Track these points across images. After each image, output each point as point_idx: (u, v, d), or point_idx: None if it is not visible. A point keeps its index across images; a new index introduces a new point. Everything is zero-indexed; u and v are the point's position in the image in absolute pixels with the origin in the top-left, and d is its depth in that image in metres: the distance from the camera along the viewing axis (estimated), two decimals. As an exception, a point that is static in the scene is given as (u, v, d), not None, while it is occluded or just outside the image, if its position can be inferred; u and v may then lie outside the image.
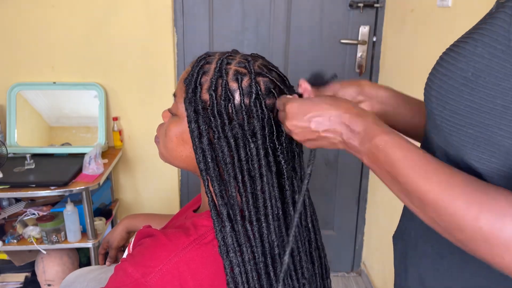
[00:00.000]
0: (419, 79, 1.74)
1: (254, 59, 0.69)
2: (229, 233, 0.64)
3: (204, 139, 0.65)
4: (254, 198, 0.65)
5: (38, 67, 1.84)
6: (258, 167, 0.65)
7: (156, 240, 0.64)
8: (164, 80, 1.90)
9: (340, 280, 2.21)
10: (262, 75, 0.66)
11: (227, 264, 0.64)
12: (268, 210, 0.65)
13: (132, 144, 1.96)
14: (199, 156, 0.65)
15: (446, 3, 1.32)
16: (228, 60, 0.67)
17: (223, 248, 0.64)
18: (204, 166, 0.65)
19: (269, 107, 0.66)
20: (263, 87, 0.66)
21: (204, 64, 0.67)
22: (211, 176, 0.65)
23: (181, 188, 2.09)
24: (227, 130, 0.64)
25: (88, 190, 1.56)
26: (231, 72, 0.66)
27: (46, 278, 1.68)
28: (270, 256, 0.66)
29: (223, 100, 0.64)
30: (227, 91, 0.64)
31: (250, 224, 0.65)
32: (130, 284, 0.61)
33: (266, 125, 0.65)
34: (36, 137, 1.85)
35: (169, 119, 0.73)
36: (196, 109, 0.65)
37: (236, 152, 0.64)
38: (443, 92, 0.49)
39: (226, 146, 0.64)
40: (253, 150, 0.64)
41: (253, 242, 0.65)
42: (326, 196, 2.11)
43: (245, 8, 1.88)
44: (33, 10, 1.77)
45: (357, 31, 1.89)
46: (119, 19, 1.81)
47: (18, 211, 1.75)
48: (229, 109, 0.64)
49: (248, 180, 0.65)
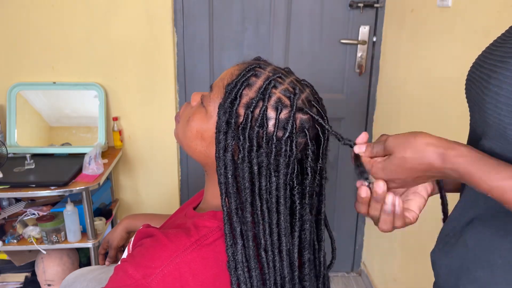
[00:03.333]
0: (419, 79, 1.75)
1: (302, 89, 0.67)
2: (240, 250, 0.64)
3: (228, 154, 0.63)
4: (270, 229, 0.64)
5: (38, 67, 1.84)
6: (276, 202, 0.64)
7: (156, 241, 0.64)
8: (164, 80, 1.90)
9: (340, 280, 2.21)
10: (303, 111, 0.64)
11: (234, 280, 0.64)
12: (282, 245, 0.65)
13: (132, 144, 1.96)
14: (220, 168, 0.64)
15: (446, 3, 1.32)
16: (275, 83, 0.64)
17: (232, 263, 0.64)
18: (224, 180, 0.64)
19: (300, 145, 0.65)
20: (298, 125, 0.64)
21: (251, 76, 0.65)
22: (229, 192, 0.64)
23: (181, 188, 2.09)
24: (253, 156, 0.62)
25: (88, 190, 1.56)
26: (273, 99, 0.63)
27: (46, 278, 1.68)
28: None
29: (257, 126, 0.62)
30: (263, 117, 0.62)
31: (265, 253, 0.65)
32: (131, 285, 0.60)
33: (291, 164, 0.64)
34: (36, 137, 1.85)
35: (197, 107, 0.71)
36: (229, 121, 0.63)
37: (258, 180, 0.63)
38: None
39: (248, 171, 0.63)
40: (273, 184, 0.63)
41: (266, 270, 0.65)
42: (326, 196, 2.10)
43: (245, 8, 1.88)
44: (33, 10, 1.77)
45: (357, 31, 1.89)
46: (119, 19, 1.81)
47: (18, 211, 1.75)
48: (260, 135, 0.62)
49: (266, 210, 0.64)
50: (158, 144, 1.97)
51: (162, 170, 2.02)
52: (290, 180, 0.64)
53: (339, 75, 1.97)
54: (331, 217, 2.16)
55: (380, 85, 1.95)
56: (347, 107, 2.00)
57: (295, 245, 0.66)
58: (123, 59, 1.85)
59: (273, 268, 0.65)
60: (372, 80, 1.96)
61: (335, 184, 2.09)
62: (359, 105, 2.00)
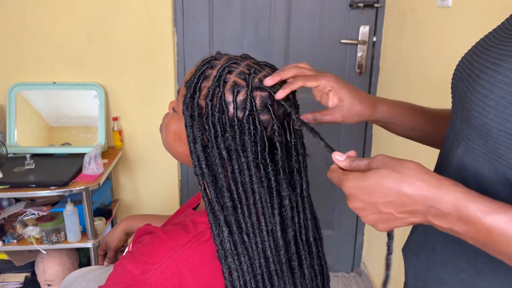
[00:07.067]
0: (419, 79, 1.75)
1: (258, 69, 0.67)
2: (226, 238, 0.64)
3: (198, 145, 0.65)
4: (248, 211, 0.65)
5: (38, 67, 1.84)
6: (250, 182, 0.64)
7: (155, 237, 0.65)
8: (164, 80, 1.90)
9: (340, 280, 2.21)
10: (261, 89, 0.65)
11: (225, 268, 0.64)
12: (262, 225, 0.65)
13: (132, 144, 1.96)
14: (194, 161, 0.66)
15: (446, 3, 1.32)
16: (230, 68, 0.66)
17: (221, 252, 0.64)
18: (200, 171, 0.65)
19: (264, 123, 0.65)
20: (259, 103, 0.64)
21: (207, 69, 0.66)
22: (207, 182, 0.65)
23: (181, 188, 2.09)
24: (220, 141, 0.64)
25: (88, 190, 1.56)
26: (229, 83, 0.64)
27: (46, 278, 1.68)
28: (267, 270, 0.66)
29: (217, 112, 0.64)
30: (222, 103, 0.64)
31: (247, 236, 0.65)
32: (130, 281, 0.61)
33: (259, 141, 0.64)
34: (36, 137, 1.85)
35: (171, 113, 0.74)
36: (192, 115, 0.65)
37: (230, 163, 0.64)
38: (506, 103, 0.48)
39: (218, 156, 0.64)
40: (244, 165, 0.64)
41: (251, 254, 0.65)
42: (326, 196, 2.11)
43: (245, 8, 1.88)
44: (33, 10, 1.77)
45: (357, 31, 1.89)
46: (119, 19, 1.81)
47: (18, 211, 1.75)
48: (223, 120, 0.64)
49: (242, 192, 0.64)
50: (158, 144, 1.96)
51: (162, 170, 2.02)
52: (262, 158, 0.65)
53: (339, 75, 1.93)
54: (331, 217, 2.16)
55: (380, 85, 1.95)
56: (347, 107, 2.00)
57: (277, 223, 0.66)
58: (123, 59, 1.85)
59: (256, 250, 0.65)
60: (372, 80, 1.96)
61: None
62: (359, 105, 2.00)
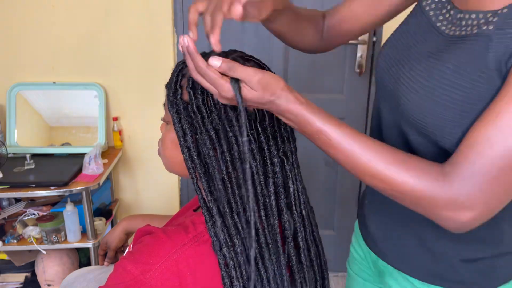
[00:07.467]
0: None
1: (230, 53, 0.69)
2: (220, 228, 0.64)
3: (188, 137, 0.66)
4: (238, 188, 0.65)
5: (38, 67, 1.84)
6: (239, 156, 0.64)
7: (155, 238, 0.65)
8: (164, 80, 1.86)
9: (340, 280, 2.21)
10: None
11: (221, 259, 0.64)
12: (251, 198, 0.64)
13: (132, 144, 1.96)
14: (185, 155, 0.66)
15: (446, 3, 1.32)
16: (206, 57, 0.66)
17: (216, 243, 0.64)
18: (192, 164, 0.66)
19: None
20: None
21: (184, 68, 0.69)
22: (199, 173, 0.66)
23: (181, 188, 2.09)
24: (207, 123, 0.65)
25: (88, 190, 1.56)
26: None
27: (46, 278, 1.69)
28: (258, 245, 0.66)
29: (199, 95, 0.65)
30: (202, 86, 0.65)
31: (237, 215, 0.65)
32: (130, 281, 0.61)
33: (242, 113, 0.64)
34: (36, 137, 1.85)
35: (164, 127, 0.76)
36: (178, 110, 0.67)
37: (218, 144, 0.65)
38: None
39: (208, 139, 0.65)
40: (232, 139, 0.64)
41: (243, 233, 0.65)
42: (326, 196, 2.11)
43: (245, 8, 1.87)
44: (33, 10, 1.77)
45: (357, 31, 1.89)
46: (119, 19, 1.80)
47: (18, 211, 1.75)
48: (207, 102, 0.65)
49: (232, 171, 0.65)
50: (158, 144, 1.97)
51: (162, 170, 1.99)
52: (251, 129, 0.66)
53: (339, 75, 1.97)
54: (331, 217, 2.16)
55: (380, 85, 1.95)
56: (347, 107, 2.00)
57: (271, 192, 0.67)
58: (123, 59, 1.85)
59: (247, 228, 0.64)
60: (372, 80, 1.96)
61: (335, 184, 2.09)
62: (359, 105, 2.00)
